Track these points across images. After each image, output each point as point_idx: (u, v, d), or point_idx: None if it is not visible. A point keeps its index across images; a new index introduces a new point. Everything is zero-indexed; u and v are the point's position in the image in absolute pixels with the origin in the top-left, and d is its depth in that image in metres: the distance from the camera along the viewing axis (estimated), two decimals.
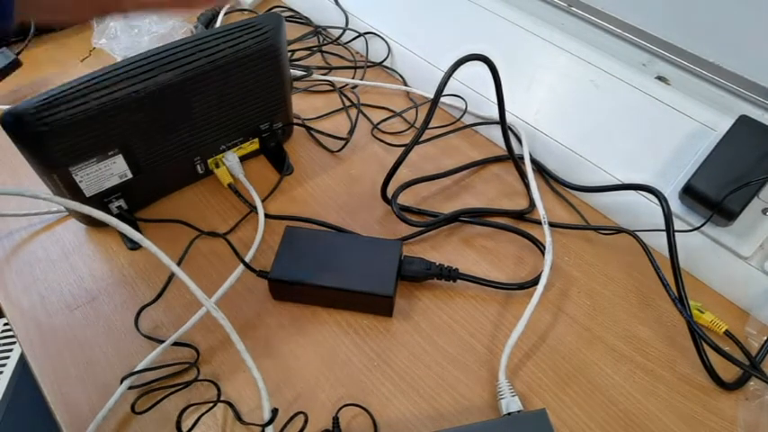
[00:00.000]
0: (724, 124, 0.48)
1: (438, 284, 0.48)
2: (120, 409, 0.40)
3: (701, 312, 0.45)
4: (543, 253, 0.49)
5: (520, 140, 0.59)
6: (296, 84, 0.67)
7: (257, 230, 0.51)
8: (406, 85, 0.68)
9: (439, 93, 0.46)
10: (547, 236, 0.49)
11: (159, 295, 0.44)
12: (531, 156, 0.58)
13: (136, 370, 0.40)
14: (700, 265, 0.49)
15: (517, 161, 0.56)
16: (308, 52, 0.72)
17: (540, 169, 0.58)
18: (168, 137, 0.48)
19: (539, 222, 0.52)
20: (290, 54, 0.71)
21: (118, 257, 0.49)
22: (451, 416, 0.40)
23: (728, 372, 0.43)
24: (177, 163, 0.51)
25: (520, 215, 0.53)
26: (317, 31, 0.75)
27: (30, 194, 0.33)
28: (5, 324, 1.11)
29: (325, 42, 0.74)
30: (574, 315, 0.46)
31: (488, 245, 0.51)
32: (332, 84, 0.67)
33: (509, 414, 0.38)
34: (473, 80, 0.63)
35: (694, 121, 0.51)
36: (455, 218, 0.52)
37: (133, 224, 0.51)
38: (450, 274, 0.46)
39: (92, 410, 0.39)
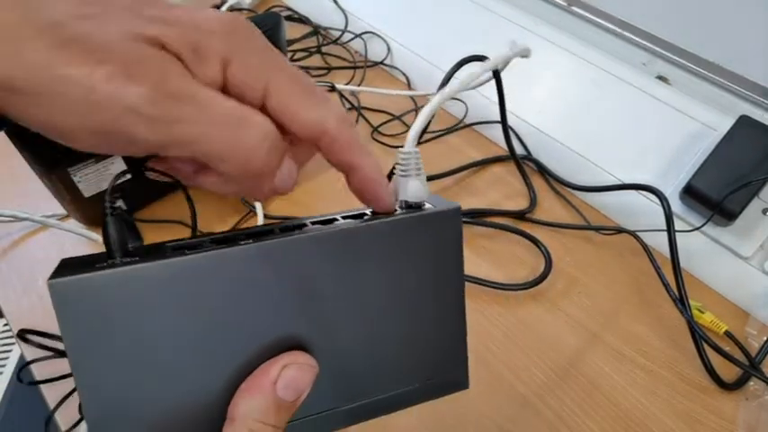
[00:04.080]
0: (724, 124, 0.48)
1: None
2: None
3: (702, 312, 0.45)
4: (543, 253, 0.49)
5: (520, 140, 0.59)
6: None
7: None
8: (409, 86, 0.68)
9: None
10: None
11: None
12: (531, 156, 0.58)
13: None
14: (700, 266, 0.49)
15: (518, 161, 0.56)
16: (308, 53, 0.72)
17: (540, 169, 0.58)
18: None
19: (539, 222, 0.52)
20: (290, 54, 0.71)
21: None
22: (453, 418, 0.40)
23: (729, 372, 0.43)
24: None
25: (520, 215, 0.53)
26: (317, 30, 0.75)
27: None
28: (5, 324, 1.11)
29: (325, 43, 0.74)
30: (574, 315, 0.46)
31: (488, 245, 0.51)
32: (332, 86, 0.67)
33: (408, 205, 0.24)
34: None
35: (695, 121, 0.51)
36: None
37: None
38: None
39: None
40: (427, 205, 0.24)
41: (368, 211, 0.24)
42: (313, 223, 0.22)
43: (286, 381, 0.20)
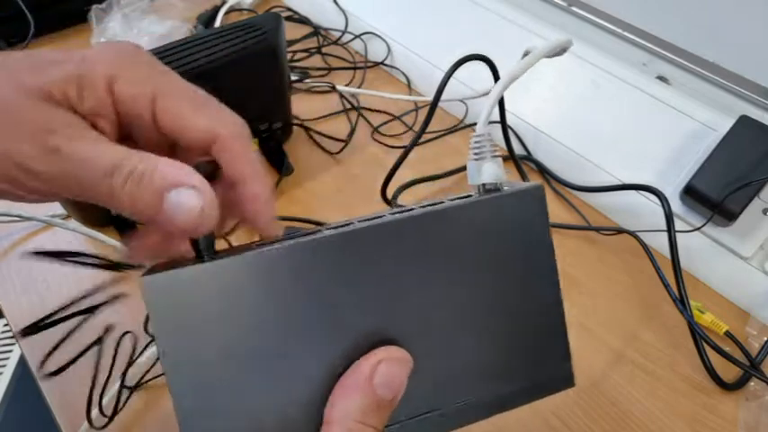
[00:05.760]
0: (725, 124, 0.48)
1: None
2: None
3: (702, 313, 0.45)
4: None
5: (520, 140, 0.59)
6: (296, 85, 0.67)
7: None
8: (409, 86, 0.68)
9: (439, 94, 0.46)
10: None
11: None
12: (531, 156, 0.58)
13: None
14: (700, 266, 0.49)
15: (518, 161, 0.56)
16: (308, 54, 0.72)
17: (540, 169, 0.58)
18: None
19: None
20: (290, 55, 0.71)
21: (117, 257, 0.49)
22: None
23: (729, 372, 0.43)
24: None
25: None
26: (317, 31, 0.75)
27: None
28: (5, 324, 1.11)
29: (326, 43, 0.74)
30: (574, 315, 0.46)
31: None
32: (333, 87, 0.67)
33: (486, 189, 0.23)
34: (473, 80, 0.62)
35: (695, 122, 0.51)
36: None
37: (132, 225, 0.51)
38: None
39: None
40: (506, 187, 0.22)
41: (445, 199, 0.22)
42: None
43: (382, 377, 0.19)
